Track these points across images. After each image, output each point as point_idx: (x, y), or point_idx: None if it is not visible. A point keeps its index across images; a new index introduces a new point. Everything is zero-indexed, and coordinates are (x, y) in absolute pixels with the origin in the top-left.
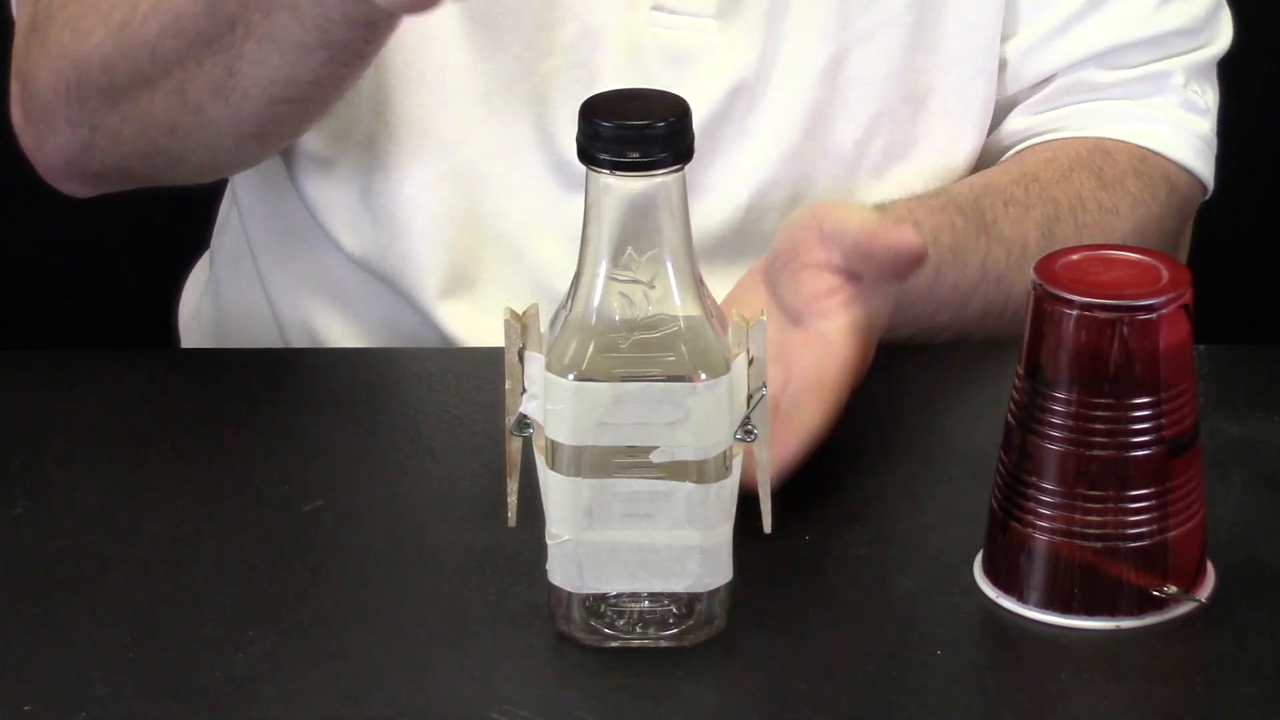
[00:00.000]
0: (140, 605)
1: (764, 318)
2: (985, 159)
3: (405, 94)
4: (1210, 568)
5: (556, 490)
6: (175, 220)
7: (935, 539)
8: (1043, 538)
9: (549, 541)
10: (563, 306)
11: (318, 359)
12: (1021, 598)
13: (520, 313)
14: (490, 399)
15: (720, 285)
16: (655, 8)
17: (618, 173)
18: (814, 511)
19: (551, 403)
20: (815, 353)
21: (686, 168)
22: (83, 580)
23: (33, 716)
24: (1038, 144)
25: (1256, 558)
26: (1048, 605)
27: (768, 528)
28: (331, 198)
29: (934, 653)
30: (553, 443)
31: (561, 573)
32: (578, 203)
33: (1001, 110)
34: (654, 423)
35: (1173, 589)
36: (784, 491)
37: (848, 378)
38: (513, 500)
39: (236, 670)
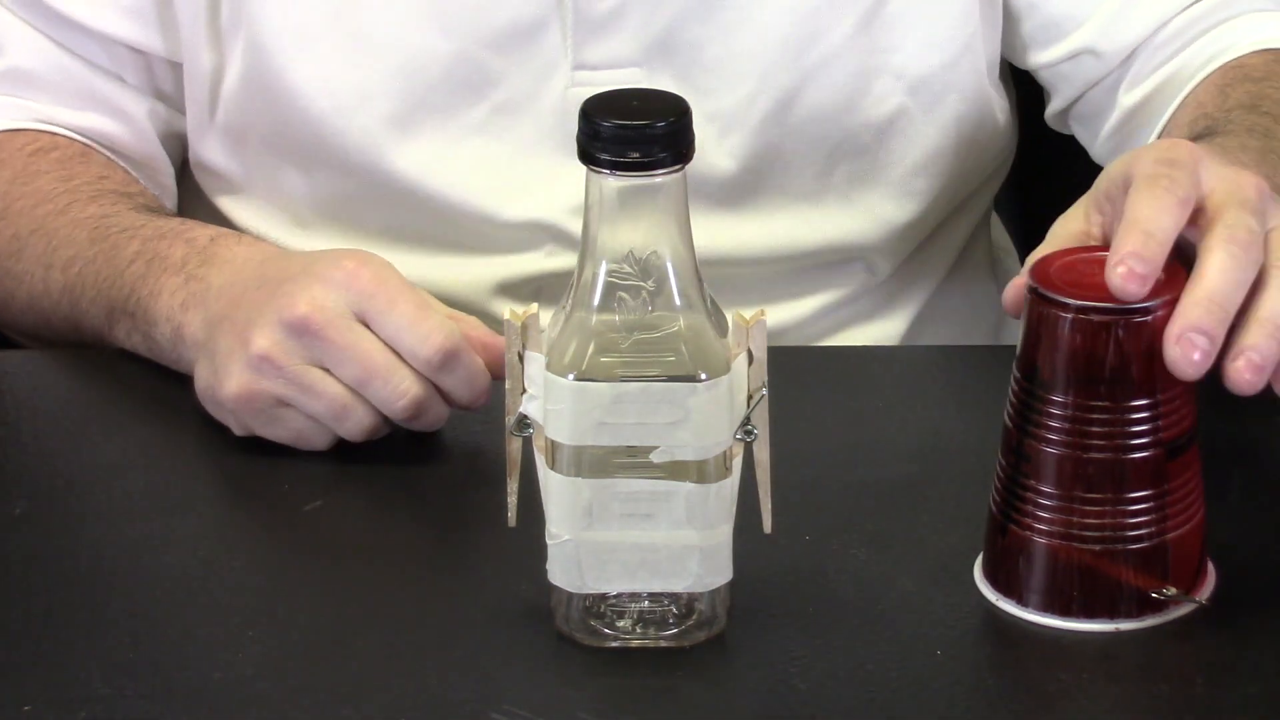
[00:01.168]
0: (140, 605)
1: (764, 318)
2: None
3: (330, 179)
4: (1210, 568)
5: (556, 490)
6: None
7: (935, 540)
8: (1041, 540)
9: (549, 541)
10: (562, 307)
11: None
12: (1021, 600)
13: (520, 313)
14: (490, 399)
15: None
16: (578, 66)
17: (618, 173)
18: (814, 511)
19: (551, 403)
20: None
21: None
22: (83, 580)
23: (33, 716)
24: (1228, 64)
25: (1256, 558)
26: (1047, 608)
27: (767, 528)
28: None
29: (934, 653)
30: (553, 443)
31: (562, 573)
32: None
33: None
34: (654, 423)
35: (1172, 590)
36: (784, 491)
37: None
38: (513, 500)
39: (236, 670)
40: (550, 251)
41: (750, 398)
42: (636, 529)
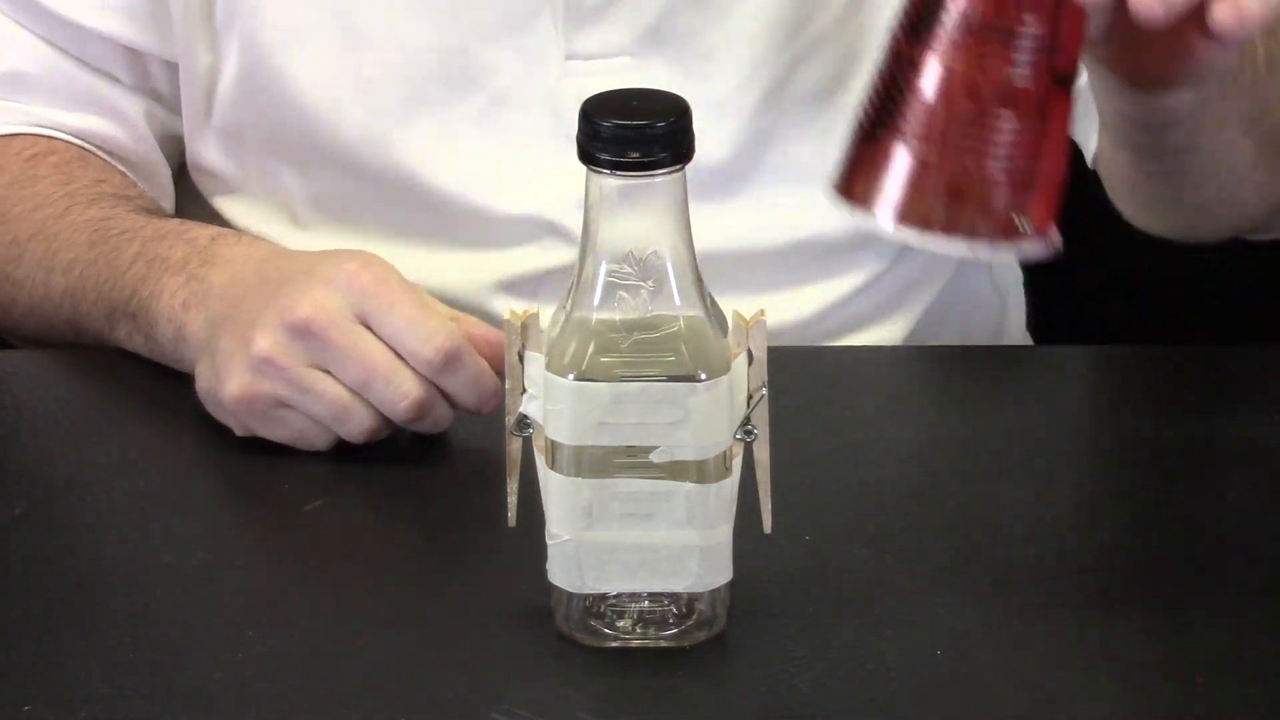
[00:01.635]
0: (140, 605)
1: (764, 318)
2: None
3: (327, 177)
4: (1056, 230)
5: (556, 490)
6: None
7: (935, 540)
8: (913, 149)
9: (549, 541)
10: (562, 306)
11: None
12: (880, 213)
13: (520, 313)
14: (499, 404)
15: None
16: (570, 56)
17: (618, 173)
18: (814, 511)
19: (551, 403)
20: None
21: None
22: (83, 580)
23: (33, 716)
24: None
25: (1256, 558)
26: (907, 220)
27: (768, 528)
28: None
29: (934, 653)
30: (553, 443)
31: (561, 573)
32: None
33: None
34: (654, 423)
35: (1030, 223)
36: (784, 491)
37: None
38: (513, 500)
39: (236, 670)
40: (546, 246)
41: (750, 398)
42: (636, 529)
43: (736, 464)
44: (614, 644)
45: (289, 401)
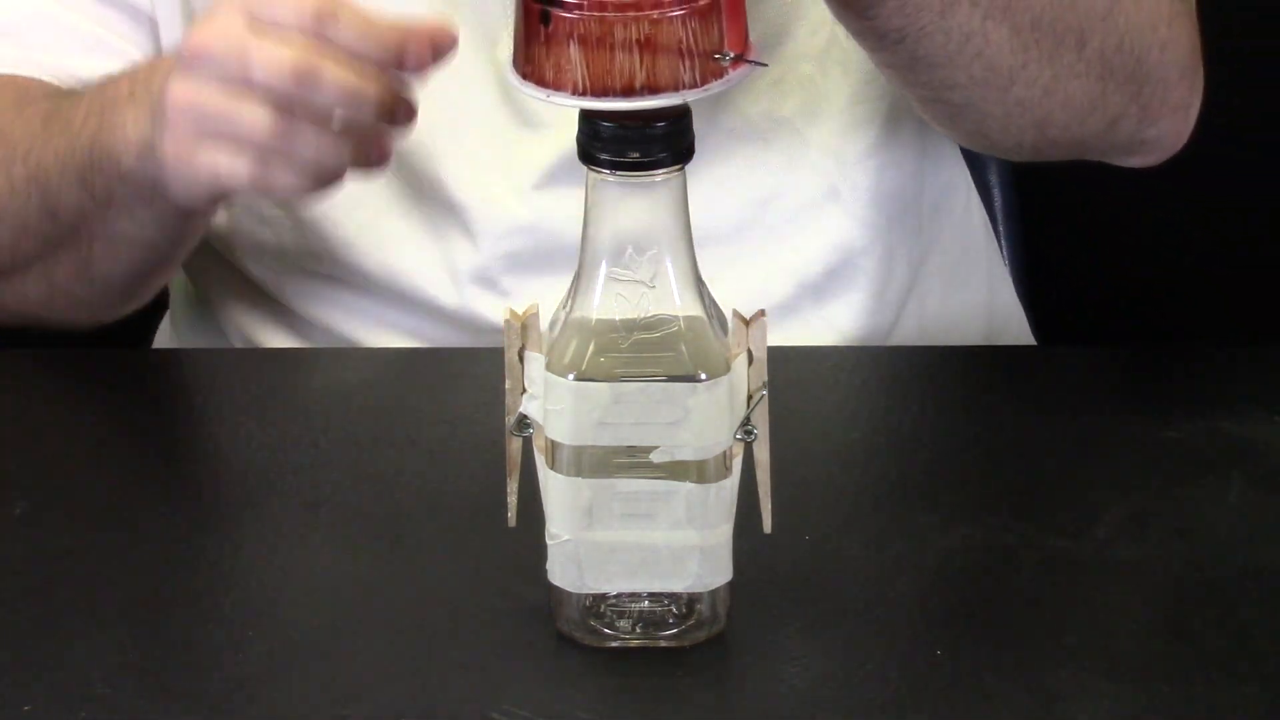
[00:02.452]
0: (140, 605)
1: (764, 318)
2: None
3: None
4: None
5: (557, 490)
6: None
7: (935, 539)
8: (593, 16)
9: (549, 542)
10: (562, 306)
11: (318, 359)
12: (575, 90)
13: (520, 313)
14: (490, 399)
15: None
16: None
17: (618, 173)
18: (814, 511)
19: (551, 403)
20: None
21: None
22: (83, 580)
23: (33, 716)
24: None
25: (1256, 558)
26: (606, 92)
27: (767, 528)
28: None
29: (934, 653)
30: (553, 443)
31: (561, 573)
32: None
33: None
34: (654, 423)
35: (730, 54)
36: (784, 491)
37: None
38: (512, 500)
39: (236, 670)
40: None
41: (750, 397)
42: (637, 529)
43: (736, 464)
44: (614, 644)
45: (209, 115)
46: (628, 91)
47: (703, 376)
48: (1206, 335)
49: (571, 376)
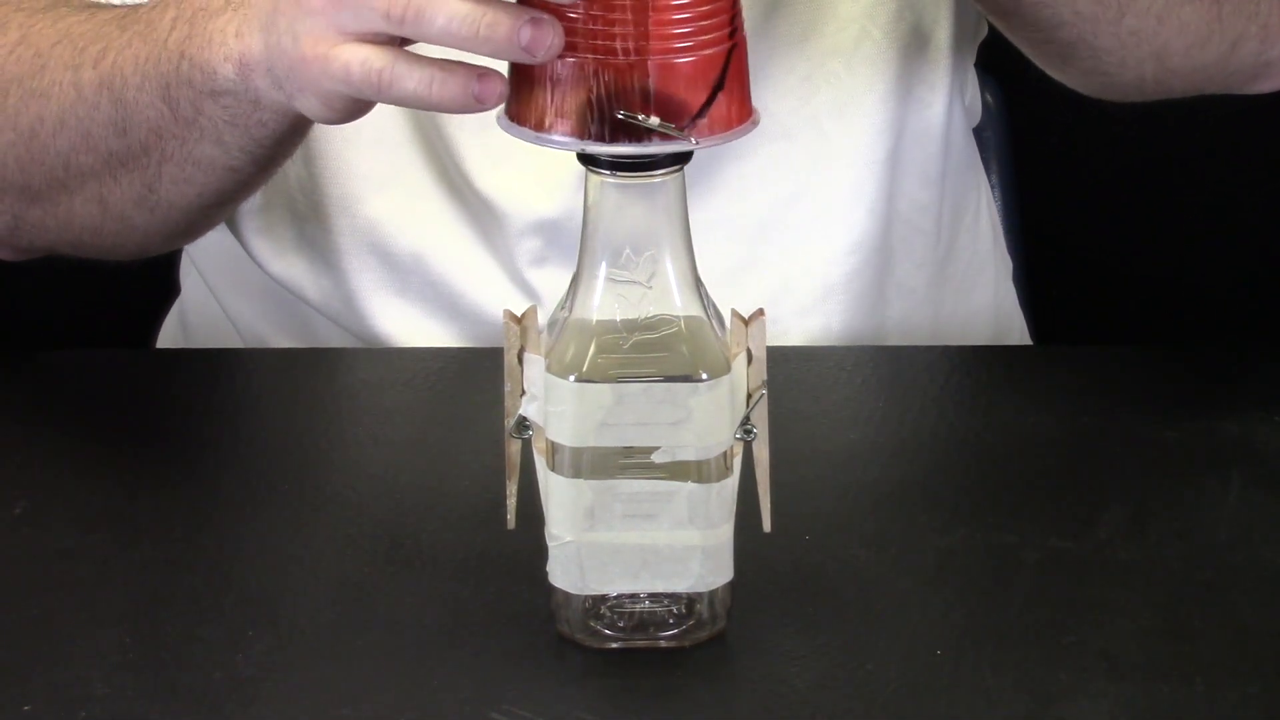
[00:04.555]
0: (140, 605)
1: (764, 317)
2: None
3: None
4: (731, 113)
5: (558, 492)
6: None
7: (935, 540)
8: (565, 56)
9: (550, 543)
10: (562, 307)
11: (318, 360)
12: (506, 111)
13: (519, 315)
14: (490, 399)
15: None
16: None
17: (618, 173)
18: (814, 511)
19: (552, 404)
20: None
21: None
22: (83, 580)
23: (33, 716)
24: None
25: (1256, 558)
26: (521, 121)
27: (767, 527)
28: (269, 239)
29: (934, 653)
30: (553, 444)
31: (563, 574)
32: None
33: None
34: (655, 423)
35: (647, 119)
36: (784, 491)
37: None
38: (511, 502)
39: (236, 670)
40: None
41: (750, 397)
42: (638, 529)
43: (737, 463)
44: (614, 645)
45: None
46: (538, 126)
47: (704, 376)
48: (1206, 335)
49: (573, 378)
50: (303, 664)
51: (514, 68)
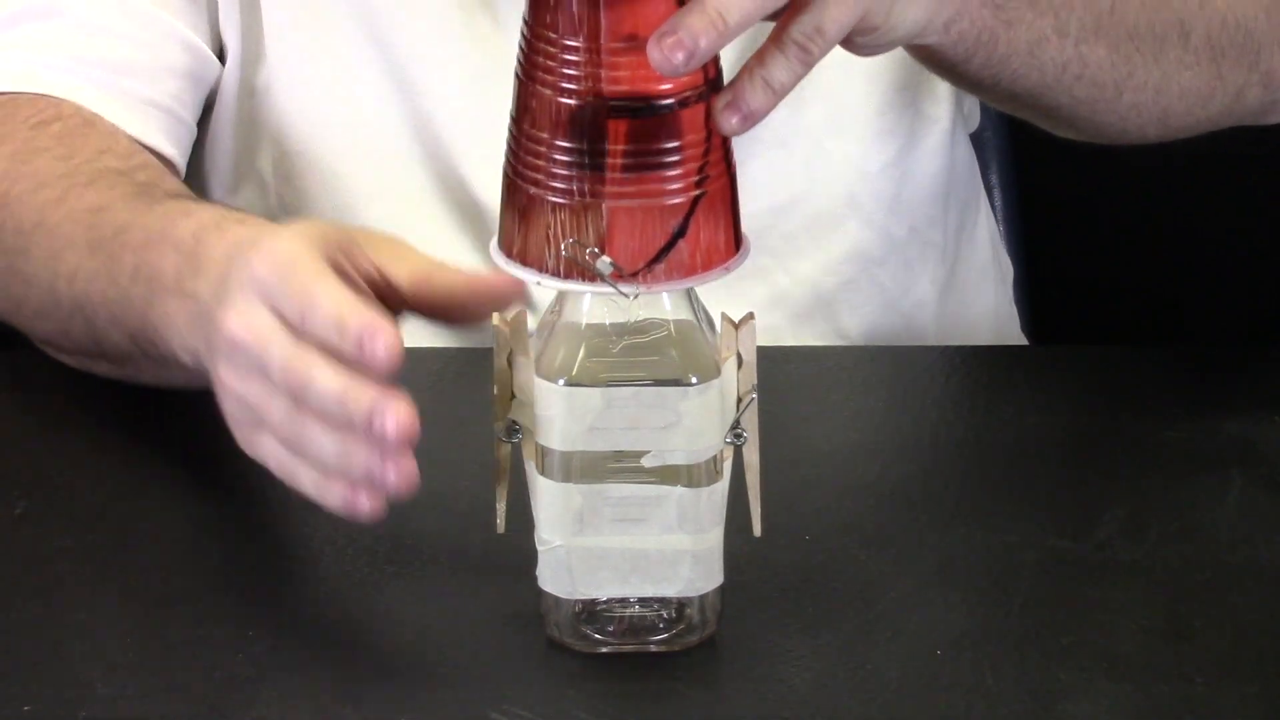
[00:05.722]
0: (140, 605)
1: (753, 321)
2: None
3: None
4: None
5: (547, 496)
6: None
7: (935, 540)
8: (527, 188)
9: (539, 548)
10: (551, 311)
11: None
12: (514, 255)
13: (508, 319)
14: (486, 400)
15: None
16: None
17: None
18: (813, 512)
19: (542, 408)
20: None
21: None
22: (83, 580)
23: (32, 716)
24: None
25: (1256, 558)
26: (502, 246)
27: (758, 531)
28: None
29: (934, 653)
30: (543, 448)
31: (552, 578)
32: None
33: None
34: (645, 427)
35: (606, 262)
36: (784, 491)
37: None
38: (501, 506)
39: (236, 670)
40: None
41: (740, 401)
42: (628, 534)
43: (727, 467)
44: (604, 649)
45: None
46: (507, 251)
47: (694, 380)
48: (1206, 335)
49: (562, 382)
50: (303, 664)
51: (502, 193)
